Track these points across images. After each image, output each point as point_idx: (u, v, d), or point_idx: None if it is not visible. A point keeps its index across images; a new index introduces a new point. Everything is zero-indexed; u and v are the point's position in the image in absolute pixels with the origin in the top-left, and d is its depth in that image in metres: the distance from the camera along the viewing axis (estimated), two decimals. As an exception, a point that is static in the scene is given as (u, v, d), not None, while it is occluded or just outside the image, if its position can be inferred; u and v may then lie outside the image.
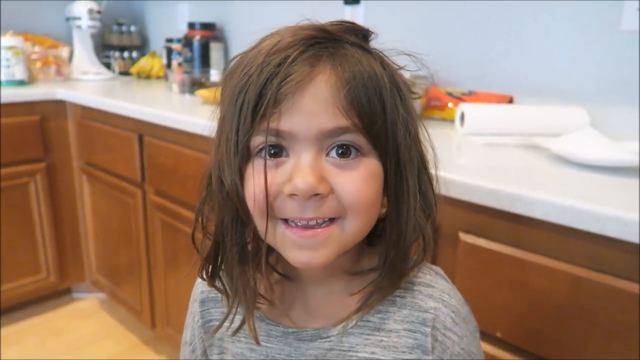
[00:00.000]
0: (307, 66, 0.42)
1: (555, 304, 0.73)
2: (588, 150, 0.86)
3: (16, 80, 1.93)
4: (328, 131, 0.42)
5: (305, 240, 0.44)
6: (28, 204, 1.88)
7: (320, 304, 0.53)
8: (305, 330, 0.52)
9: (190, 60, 1.97)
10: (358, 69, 0.43)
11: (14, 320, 1.98)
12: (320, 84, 0.42)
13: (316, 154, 0.43)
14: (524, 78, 1.29)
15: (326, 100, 0.42)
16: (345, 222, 0.45)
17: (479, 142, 1.06)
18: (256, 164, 0.44)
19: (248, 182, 0.45)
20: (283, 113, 0.42)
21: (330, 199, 0.43)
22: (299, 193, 0.42)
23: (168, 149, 1.46)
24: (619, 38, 1.11)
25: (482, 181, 0.78)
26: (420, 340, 0.50)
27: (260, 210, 0.44)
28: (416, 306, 0.51)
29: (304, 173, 0.42)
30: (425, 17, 1.46)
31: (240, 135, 0.43)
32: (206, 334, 0.59)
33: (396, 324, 0.50)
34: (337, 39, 0.44)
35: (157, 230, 1.61)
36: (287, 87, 0.41)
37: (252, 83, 0.42)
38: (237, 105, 0.43)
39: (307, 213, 0.43)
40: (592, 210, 0.66)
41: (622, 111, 1.13)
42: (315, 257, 0.44)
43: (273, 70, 0.41)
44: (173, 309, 1.64)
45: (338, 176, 0.43)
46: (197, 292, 0.60)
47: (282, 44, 0.42)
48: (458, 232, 0.83)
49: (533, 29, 1.25)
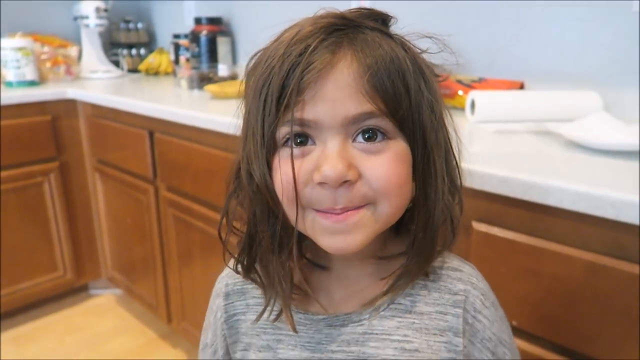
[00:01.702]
0: (328, 54, 0.42)
1: (571, 290, 0.73)
2: (601, 135, 0.85)
3: (27, 81, 1.95)
4: (353, 117, 0.42)
5: (338, 225, 0.44)
6: (43, 203, 1.91)
7: (350, 289, 0.53)
8: (337, 316, 0.52)
9: (197, 56, 1.98)
10: (379, 53, 0.43)
11: (33, 317, 2.01)
12: (342, 70, 0.42)
13: (343, 140, 0.43)
14: (534, 63, 1.27)
15: (349, 87, 0.42)
16: (377, 206, 0.44)
17: (490, 130, 1.05)
18: (283, 154, 0.44)
19: (276, 172, 0.45)
20: (307, 102, 0.42)
21: (360, 185, 0.43)
22: (328, 181, 0.42)
23: (179, 145, 1.47)
24: (631, 20, 1.09)
25: (495, 169, 0.77)
26: (451, 322, 0.50)
27: (290, 200, 0.44)
28: (446, 289, 0.51)
29: (332, 160, 0.42)
30: (434, 4, 1.44)
31: (266, 127, 0.44)
32: (230, 330, 0.58)
33: (427, 307, 0.51)
34: (356, 25, 0.44)
35: (170, 225, 1.62)
36: (309, 76, 0.41)
37: (275, 75, 0.42)
38: (262, 98, 0.43)
39: (338, 203, 0.43)
40: (607, 196, 0.66)
41: (635, 94, 1.11)
42: (348, 242, 0.45)
43: (295, 60, 0.41)
44: (188, 303, 1.66)
45: (366, 161, 0.43)
46: (220, 287, 0.60)
47: (302, 33, 0.42)
48: (471, 221, 0.82)
49: (543, 13, 1.23)
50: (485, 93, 1.16)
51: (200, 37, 1.97)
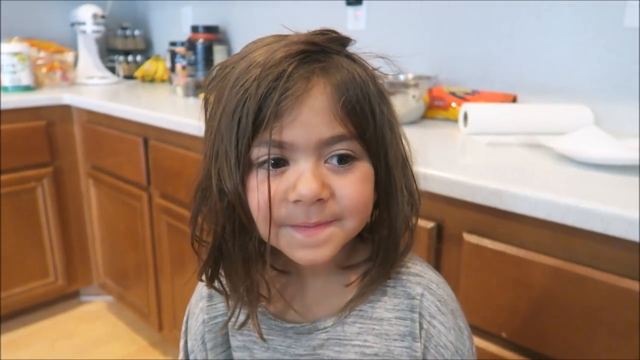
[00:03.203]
0: (303, 80, 0.44)
1: (560, 303, 0.73)
2: (592, 149, 0.86)
3: (22, 86, 1.95)
4: (326, 140, 0.45)
5: (310, 239, 0.47)
6: (35, 208, 1.90)
7: (317, 296, 0.56)
8: (303, 325, 0.55)
9: (194, 64, 1.98)
10: (349, 78, 0.46)
11: (23, 323, 1.99)
12: (317, 96, 0.44)
13: (316, 161, 0.46)
14: (527, 76, 1.28)
15: (323, 111, 0.44)
16: (344, 221, 0.48)
17: (483, 142, 1.06)
18: (258, 174, 0.46)
19: (252, 192, 0.46)
20: (284, 126, 0.44)
21: (331, 203, 0.46)
22: (304, 199, 0.44)
23: (173, 152, 1.47)
24: (622, 35, 1.11)
25: (486, 182, 0.78)
26: (410, 327, 0.52)
27: (266, 218, 0.46)
28: (405, 294, 0.53)
29: (308, 180, 0.45)
30: (428, 17, 1.46)
31: (241, 148, 0.45)
32: (210, 333, 0.60)
33: (387, 313, 0.53)
34: (325, 50, 0.46)
35: (163, 233, 1.62)
36: (286, 102, 0.43)
37: (251, 97, 0.44)
38: (235, 118, 0.45)
39: (311, 218, 0.46)
40: (596, 210, 0.66)
41: (626, 108, 1.12)
42: (319, 254, 0.48)
43: (270, 85, 0.43)
44: (180, 311, 1.65)
45: (337, 181, 0.46)
46: (202, 290, 0.62)
47: (276, 58, 0.44)
48: (462, 233, 0.83)
49: (535, 27, 1.25)
50: (478, 105, 1.17)
51: (196, 45, 1.98)
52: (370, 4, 1.60)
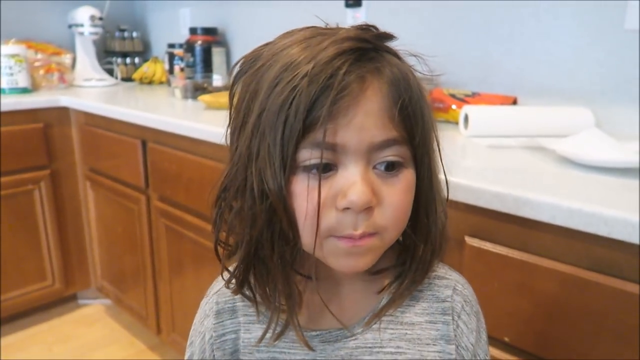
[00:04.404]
0: (358, 80, 0.41)
1: (563, 307, 0.73)
2: (594, 152, 0.86)
3: (19, 88, 1.94)
4: (378, 143, 0.43)
5: (355, 248, 0.44)
6: (33, 211, 1.89)
7: (344, 303, 0.53)
8: (329, 332, 0.52)
9: (192, 66, 1.98)
10: (403, 79, 0.44)
11: (21, 327, 1.98)
12: (372, 97, 0.42)
13: (365, 166, 0.43)
14: (527, 79, 1.28)
15: (377, 114, 0.42)
16: (384, 233, 0.45)
17: (483, 144, 1.05)
18: (303, 177, 0.43)
19: (297, 198, 0.43)
20: (338, 128, 0.41)
21: (376, 211, 0.44)
22: (354, 207, 0.42)
23: (171, 154, 1.46)
24: (623, 37, 1.10)
25: (488, 185, 0.77)
26: (442, 330, 0.51)
27: (313, 227, 0.43)
28: (433, 298, 0.52)
29: (359, 187, 0.42)
30: (427, 19, 1.46)
31: (287, 148, 0.42)
32: (218, 351, 0.56)
33: (417, 317, 0.52)
34: (377, 48, 0.44)
35: (162, 235, 1.61)
36: (342, 102, 0.41)
37: (301, 94, 0.40)
38: (281, 116, 0.41)
39: (358, 228, 0.43)
40: (600, 213, 0.66)
41: (626, 110, 1.12)
42: (360, 263, 0.46)
43: (325, 82, 0.40)
44: (178, 314, 1.64)
45: (384, 189, 0.44)
46: (210, 306, 0.58)
47: (329, 54, 0.41)
48: (464, 236, 0.82)
49: (536, 29, 1.25)
50: (479, 108, 1.16)
51: (195, 47, 1.97)
52: (369, 5, 1.59)
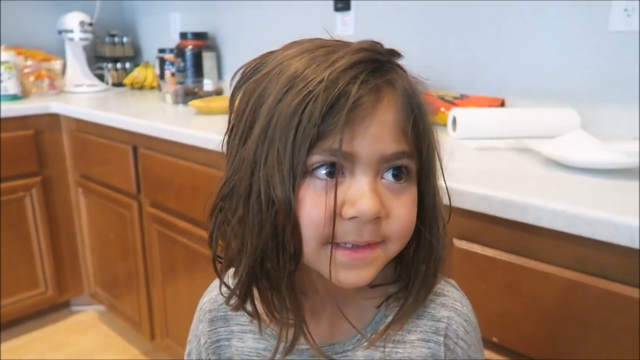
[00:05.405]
0: (375, 90, 0.42)
1: (549, 308, 0.74)
2: (579, 153, 0.87)
3: (9, 95, 1.93)
4: (389, 155, 0.43)
5: (356, 261, 0.44)
6: (24, 218, 1.88)
7: (335, 317, 0.52)
8: (321, 347, 0.51)
9: (183, 70, 1.98)
10: (415, 94, 0.44)
11: (14, 335, 1.97)
12: (387, 109, 0.42)
13: (374, 176, 0.43)
14: (515, 80, 1.29)
15: (391, 125, 0.43)
16: (388, 244, 0.45)
17: (472, 147, 1.06)
18: (312, 184, 0.42)
19: (307, 204, 0.42)
20: (354, 136, 0.41)
21: (384, 222, 0.44)
22: (363, 217, 0.42)
23: (163, 160, 1.47)
24: (608, 38, 1.12)
25: (475, 187, 0.78)
26: (433, 349, 0.51)
27: (321, 235, 0.42)
28: (429, 315, 0.52)
29: (369, 197, 0.42)
30: (416, 21, 1.47)
31: (298, 154, 0.41)
32: (214, 355, 0.58)
33: (410, 335, 0.51)
34: (390, 62, 0.44)
35: (154, 241, 1.61)
36: (359, 110, 0.41)
37: (315, 99, 0.40)
38: (293, 121, 0.41)
39: (364, 236, 0.43)
40: (583, 215, 0.67)
41: (612, 111, 1.13)
42: (361, 277, 0.45)
43: (342, 89, 0.40)
44: (172, 319, 1.64)
45: (393, 200, 0.44)
46: (203, 312, 0.58)
47: (343, 63, 0.41)
48: (452, 238, 0.83)
49: (522, 30, 1.26)
50: (467, 110, 1.18)
51: (185, 52, 1.98)
52: (358, 9, 1.60)
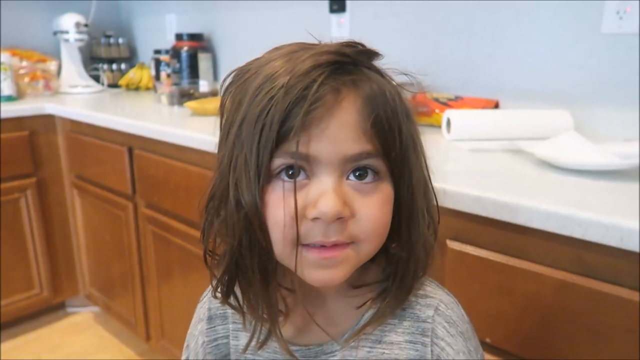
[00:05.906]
0: (333, 92, 0.42)
1: (542, 308, 0.74)
2: (571, 155, 0.88)
3: (4, 96, 1.92)
4: (352, 156, 0.43)
5: (325, 261, 0.44)
6: (19, 219, 1.88)
7: (324, 318, 0.52)
8: (309, 348, 0.52)
9: (178, 72, 1.98)
10: (380, 94, 0.44)
11: (9, 337, 1.96)
12: (347, 109, 0.42)
13: (338, 177, 0.44)
14: (509, 81, 1.30)
15: (352, 126, 0.43)
16: (359, 245, 0.45)
17: (465, 148, 1.07)
18: (276, 186, 0.44)
19: (271, 207, 0.44)
20: (311, 138, 0.42)
21: (350, 223, 0.44)
22: (324, 217, 0.42)
23: (158, 161, 1.47)
24: (600, 41, 1.13)
25: (467, 189, 0.78)
26: (421, 351, 0.50)
27: (286, 236, 0.44)
28: (415, 317, 0.51)
29: (329, 197, 0.42)
30: (410, 23, 1.47)
31: (262, 158, 0.42)
32: (210, 355, 0.58)
33: (397, 336, 0.51)
34: (356, 62, 0.44)
35: (149, 242, 1.61)
36: (316, 112, 0.41)
37: (277, 104, 0.41)
38: (258, 125, 0.42)
39: (330, 236, 0.43)
40: (574, 215, 0.67)
41: (605, 112, 1.14)
42: (333, 276, 0.45)
43: (300, 93, 0.41)
44: (167, 320, 1.64)
45: (359, 200, 0.44)
46: (203, 311, 0.60)
47: (305, 67, 0.42)
48: (445, 240, 0.83)
49: (517, 32, 1.26)
50: (461, 112, 1.18)
51: (181, 53, 1.98)
52: (353, 11, 1.61)
